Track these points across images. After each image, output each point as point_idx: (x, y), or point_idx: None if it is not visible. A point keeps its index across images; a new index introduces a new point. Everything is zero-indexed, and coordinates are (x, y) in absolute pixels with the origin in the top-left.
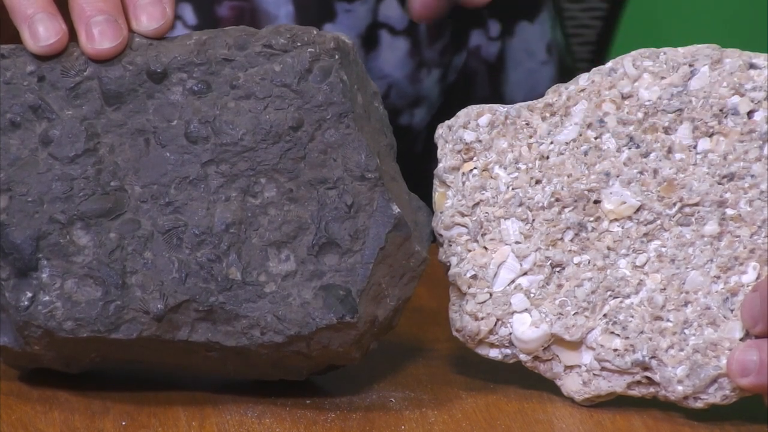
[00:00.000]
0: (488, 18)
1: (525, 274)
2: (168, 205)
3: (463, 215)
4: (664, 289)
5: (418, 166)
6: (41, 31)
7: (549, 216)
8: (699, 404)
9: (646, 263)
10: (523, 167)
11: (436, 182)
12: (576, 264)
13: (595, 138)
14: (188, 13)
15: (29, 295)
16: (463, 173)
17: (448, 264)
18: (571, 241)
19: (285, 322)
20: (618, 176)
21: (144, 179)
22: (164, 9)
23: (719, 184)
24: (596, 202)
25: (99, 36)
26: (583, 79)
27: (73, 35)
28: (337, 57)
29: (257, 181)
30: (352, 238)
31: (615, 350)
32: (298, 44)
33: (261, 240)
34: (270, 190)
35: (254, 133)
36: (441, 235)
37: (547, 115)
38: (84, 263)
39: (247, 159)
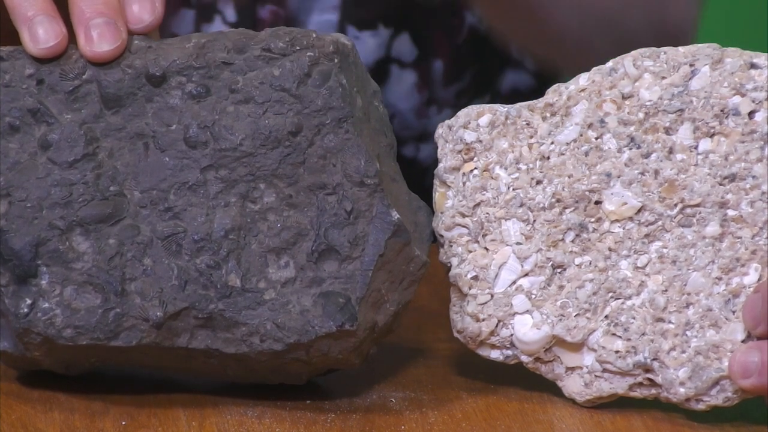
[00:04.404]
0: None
1: (526, 275)
2: (167, 211)
3: (463, 216)
4: (666, 290)
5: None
6: (41, 33)
7: (550, 217)
8: (701, 406)
9: (647, 264)
10: (524, 167)
11: (436, 182)
12: (577, 265)
13: (596, 138)
14: (229, 11)
15: (29, 302)
16: (464, 173)
17: (449, 265)
18: (572, 242)
19: (284, 329)
20: (619, 177)
21: (143, 184)
22: (154, 4)
23: (720, 185)
24: (597, 202)
25: (98, 38)
26: (583, 78)
27: (72, 38)
28: (336, 61)
29: (256, 187)
30: (351, 244)
31: (617, 352)
32: (297, 48)
33: (260, 246)
34: (269, 196)
35: (253, 138)
36: (442, 236)
37: (548, 115)
38: (83, 270)
39: (246, 164)
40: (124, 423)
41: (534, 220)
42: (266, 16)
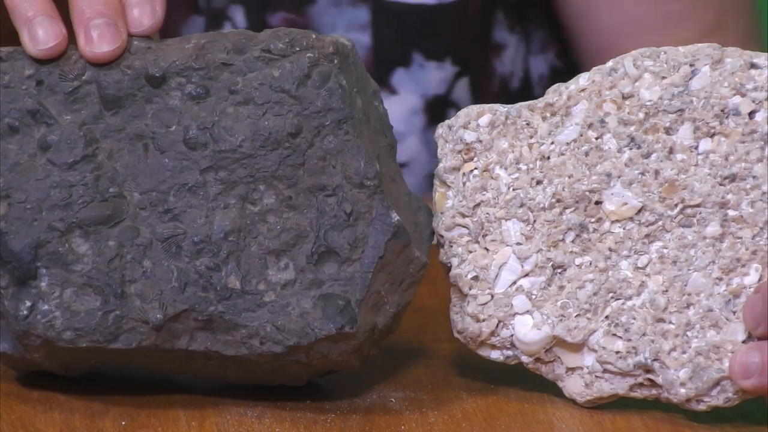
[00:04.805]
0: None
1: (526, 275)
2: (167, 213)
3: (463, 216)
4: (666, 290)
5: None
6: (40, 34)
7: (550, 217)
8: (701, 407)
9: (647, 265)
10: (524, 168)
11: (436, 182)
12: (577, 265)
13: (596, 138)
14: (239, 16)
15: (28, 304)
16: (464, 174)
17: (449, 265)
18: (573, 242)
19: (284, 332)
20: (619, 177)
21: (143, 186)
22: (154, 8)
23: (721, 185)
24: (597, 203)
25: (98, 39)
26: (583, 78)
27: (72, 39)
28: (336, 62)
29: (256, 188)
30: (351, 246)
31: (617, 352)
32: (297, 49)
33: (260, 248)
34: (269, 197)
35: (253, 139)
36: (442, 236)
37: (548, 115)
38: (83, 272)
39: (245, 166)
40: (123, 423)
41: (534, 221)
42: (278, 24)
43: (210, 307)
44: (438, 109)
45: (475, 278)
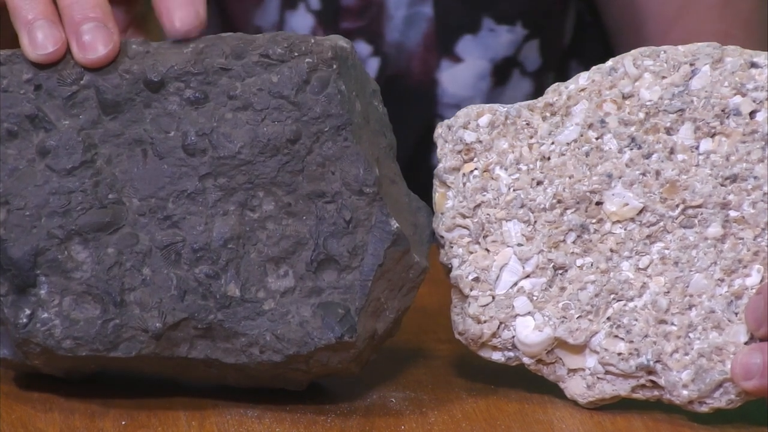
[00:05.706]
0: None
1: (527, 276)
2: (166, 219)
3: (464, 217)
4: (668, 292)
5: None
6: (40, 38)
7: (551, 218)
8: (704, 408)
9: (649, 266)
10: (524, 168)
11: (436, 182)
12: (579, 266)
13: (597, 138)
14: None
15: (28, 312)
16: (464, 174)
17: (450, 266)
18: (574, 243)
19: (284, 341)
20: (620, 177)
21: (142, 192)
22: (197, 10)
23: (722, 185)
24: (598, 203)
25: (90, 43)
26: (583, 78)
27: None
28: (334, 66)
29: (255, 195)
30: (350, 254)
31: (619, 354)
32: (296, 54)
33: (259, 255)
34: (268, 204)
35: (252, 146)
36: (442, 237)
37: (548, 114)
38: (82, 280)
39: (244, 172)
40: (124, 423)
41: (535, 221)
42: (351, 4)
43: (209, 315)
44: (504, 70)
45: (476, 279)
